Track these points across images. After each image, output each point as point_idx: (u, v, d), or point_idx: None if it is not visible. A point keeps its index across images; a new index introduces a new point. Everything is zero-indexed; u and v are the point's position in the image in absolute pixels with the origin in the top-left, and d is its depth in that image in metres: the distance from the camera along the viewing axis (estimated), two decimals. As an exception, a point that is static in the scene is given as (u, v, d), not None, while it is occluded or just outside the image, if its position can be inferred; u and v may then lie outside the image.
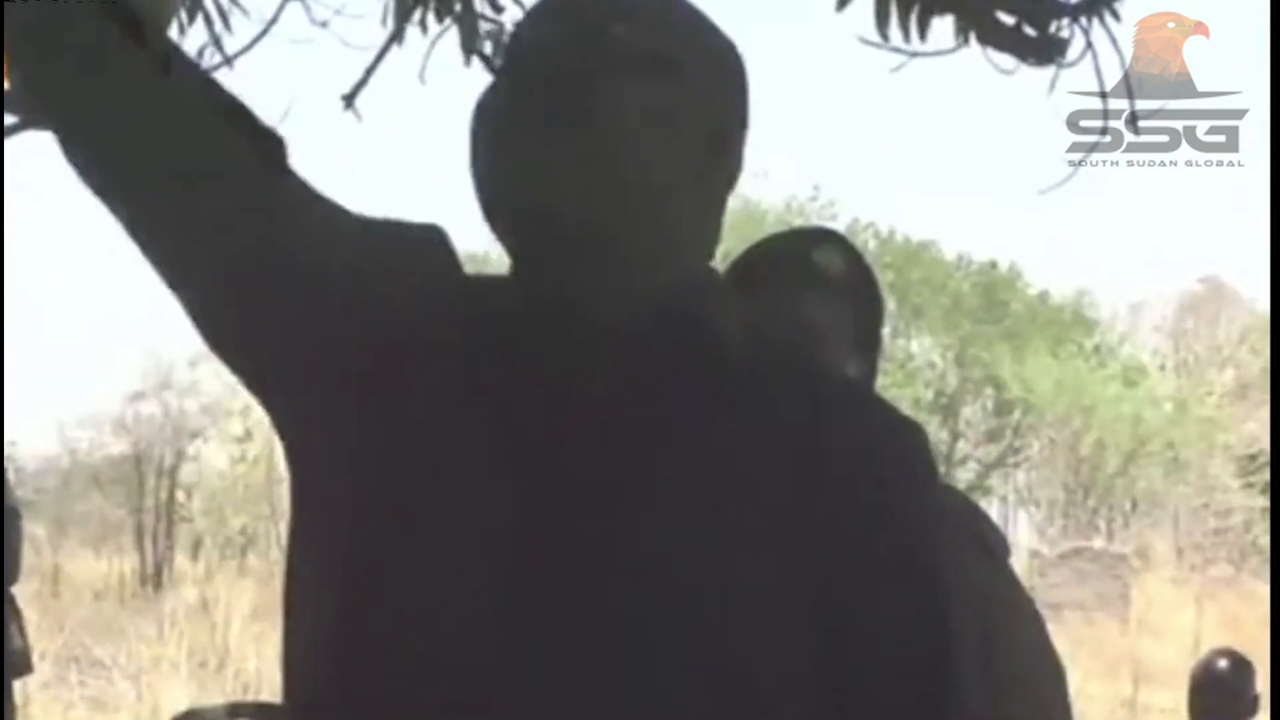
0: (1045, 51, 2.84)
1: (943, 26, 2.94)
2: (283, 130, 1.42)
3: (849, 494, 1.31)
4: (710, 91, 1.39)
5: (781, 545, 1.29)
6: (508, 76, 1.38)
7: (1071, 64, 2.87)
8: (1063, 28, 2.85)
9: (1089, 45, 2.86)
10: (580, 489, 1.30)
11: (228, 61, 3.40)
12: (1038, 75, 2.91)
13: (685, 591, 1.27)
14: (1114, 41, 2.89)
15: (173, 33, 3.40)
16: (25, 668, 5.95)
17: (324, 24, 3.48)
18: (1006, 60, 2.87)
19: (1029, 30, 2.84)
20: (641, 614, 1.27)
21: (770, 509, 1.30)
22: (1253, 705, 4.99)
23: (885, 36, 2.92)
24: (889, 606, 1.31)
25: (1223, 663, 5.04)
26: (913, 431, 1.38)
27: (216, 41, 3.35)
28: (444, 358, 1.38)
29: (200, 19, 3.34)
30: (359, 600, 1.33)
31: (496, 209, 1.37)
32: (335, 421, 1.37)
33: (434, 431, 1.35)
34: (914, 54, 2.92)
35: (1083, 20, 2.85)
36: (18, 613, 5.80)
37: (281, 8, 3.39)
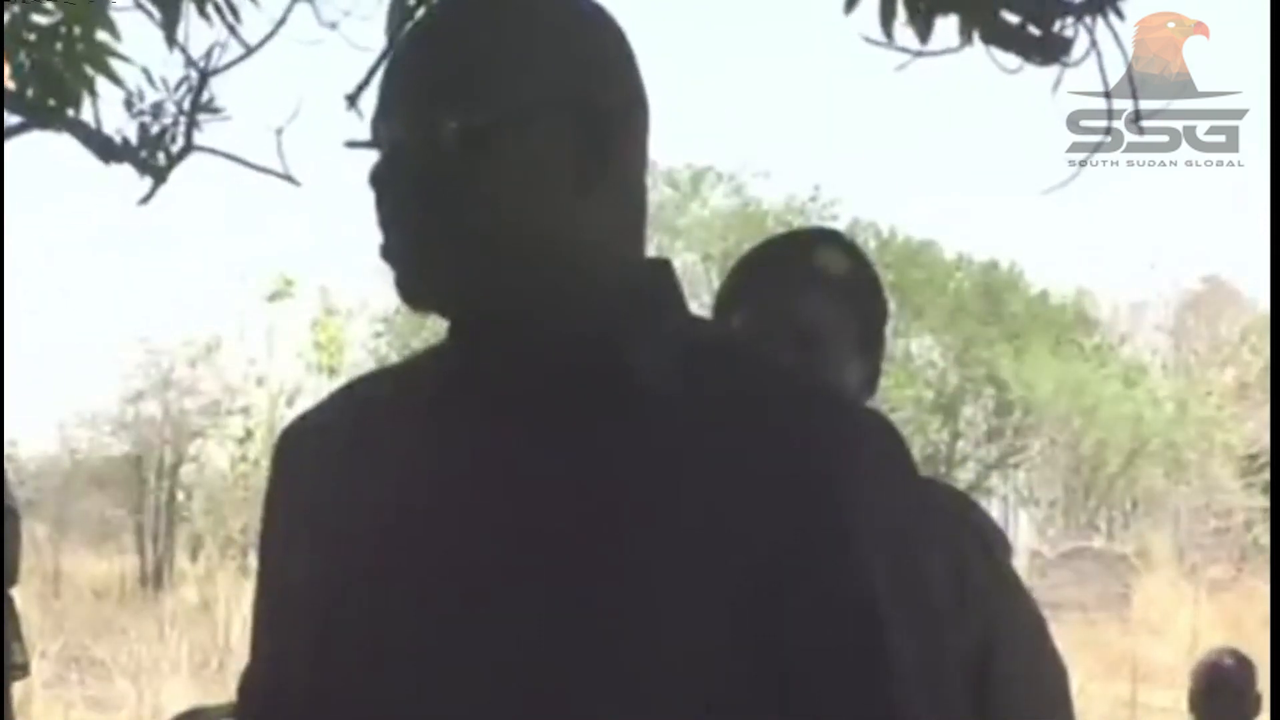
0: (1050, 51, 2.82)
1: (945, 26, 2.94)
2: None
3: (779, 499, 1.26)
4: (569, 94, 1.33)
5: (713, 560, 1.25)
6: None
7: (1076, 63, 2.86)
8: (1067, 27, 2.84)
9: (1093, 45, 2.84)
10: (512, 543, 1.29)
11: (237, 60, 3.41)
12: (1038, 75, 2.90)
13: (616, 625, 1.25)
14: (1118, 41, 2.87)
15: (181, 33, 3.41)
16: (22, 674, 6.00)
17: (333, 25, 3.49)
18: (1010, 59, 2.86)
19: (1033, 30, 2.82)
20: (577, 654, 1.25)
21: (699, 523, 1.26)
22: (1254, 705, 4.99)
23: (890, 36, 2.91)
24: (816, 614, 1.26)
25: (1225, 662, 5.05)
26: (867, 430, 1.32)
27: (233, 31, 3.35)
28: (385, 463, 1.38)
29: (208, 19, 3.35)
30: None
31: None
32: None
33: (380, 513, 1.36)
34: (918, 53, 2.91)
35: (1087, 20, 2.83)
36: (15, 617, 5.80)
37: (290, 9, 3.39)
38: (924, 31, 2.88)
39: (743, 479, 1.26)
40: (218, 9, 3.36)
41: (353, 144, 1.37)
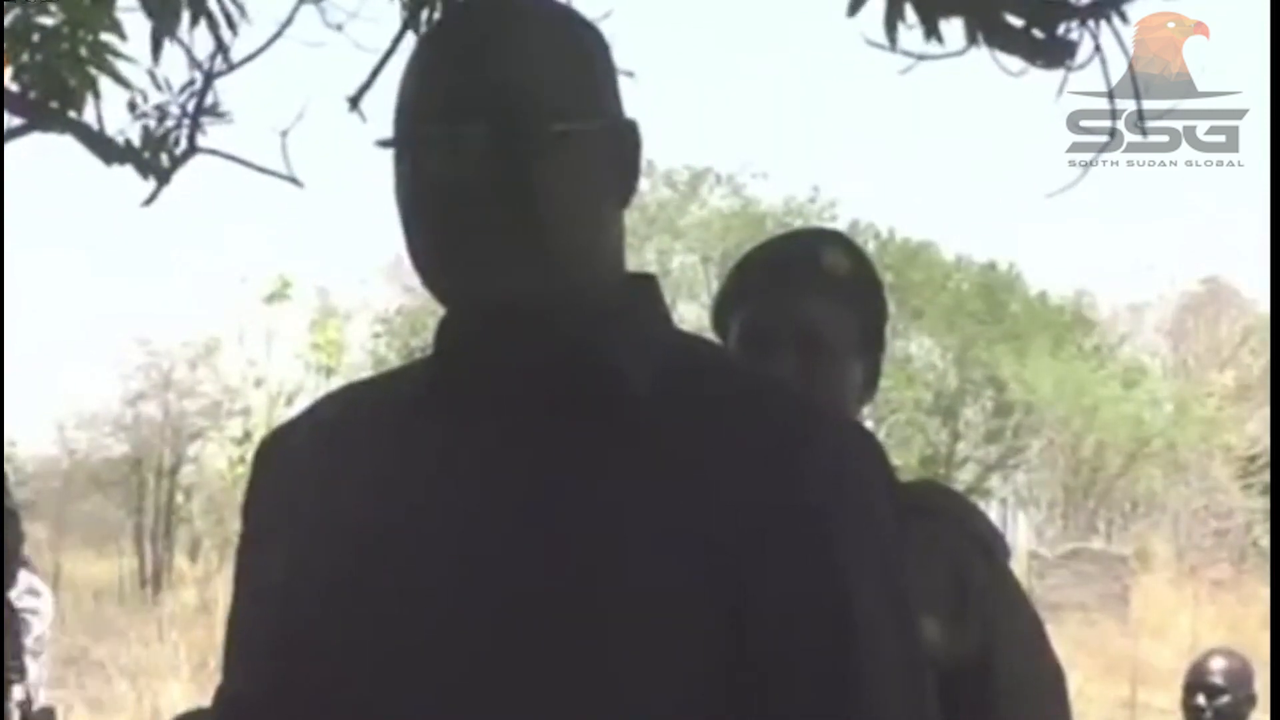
0: (1055, 55, 2.82)
1: (948, 28, 2.93)
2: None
3: (750, 500, 1.27)
4: (612, 106, 1.37)
5: (687, 560, 1.26)
6: (405, 153, 1.34)
7: (1080, 67, 2.85)
8: (1071, 30, 2.83)
9: (1097, 48, 2.84)
10: (493, 533, 1.29)
11: (232, 68, 3.40)
12: (1039, 75, 2.90)
13: (595, 622, 1.25)
14: (1120, 43, 2.87)
15: (184, 34, 3.40)
16: (21, 676, 6.03)
17: (339, 27, 3.48)
18: (1014, 63, 2.85)
19: (1038, 33, 2.82)
20: (552, 652, 1.25)
21: (674, 522, 1.27)
22: (1249, 704, 4.99)
23: (893, 39, 2.91)
24: (788, 613, 1.27)
25: (1219, 662, 5.05)
26: (844, 435, 1.34)
27: (222, 47, 3.35)
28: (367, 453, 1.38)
29: (204, 23, 3.35)
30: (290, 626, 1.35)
31: (434, 289, 1.36)
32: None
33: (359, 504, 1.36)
34: (921, 57, 2.91)
35: (1090, 23, 2.83)
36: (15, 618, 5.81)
37: (295, 10, 3.39)
38: (934, 33, 2.88)
39: (718, 479, 1.28)
40: (209, 17, 3.35)
41: (384, 143, 1.35)
